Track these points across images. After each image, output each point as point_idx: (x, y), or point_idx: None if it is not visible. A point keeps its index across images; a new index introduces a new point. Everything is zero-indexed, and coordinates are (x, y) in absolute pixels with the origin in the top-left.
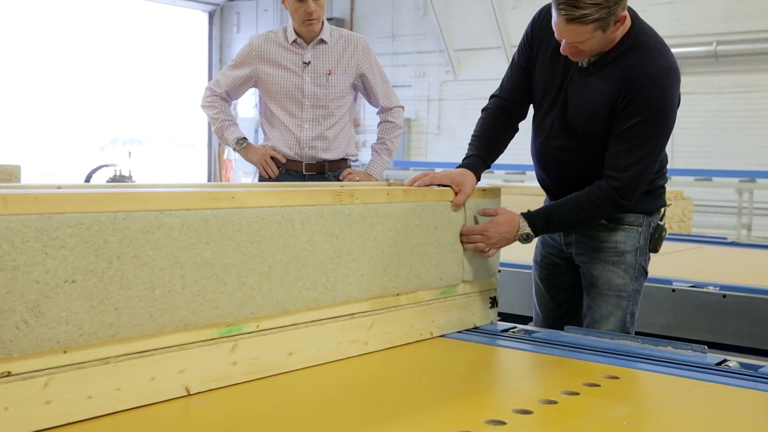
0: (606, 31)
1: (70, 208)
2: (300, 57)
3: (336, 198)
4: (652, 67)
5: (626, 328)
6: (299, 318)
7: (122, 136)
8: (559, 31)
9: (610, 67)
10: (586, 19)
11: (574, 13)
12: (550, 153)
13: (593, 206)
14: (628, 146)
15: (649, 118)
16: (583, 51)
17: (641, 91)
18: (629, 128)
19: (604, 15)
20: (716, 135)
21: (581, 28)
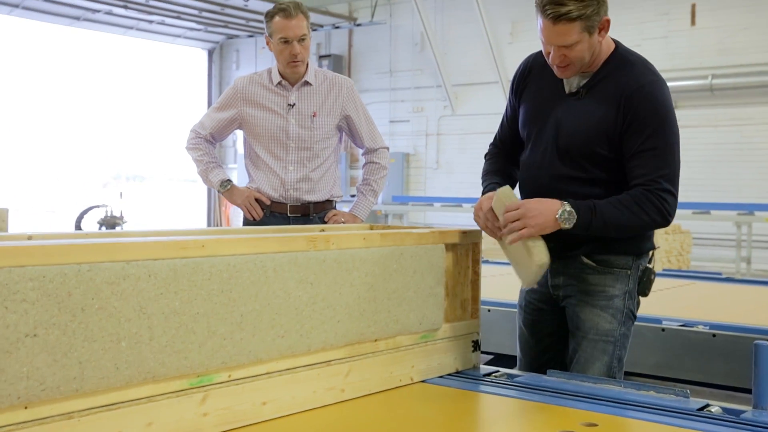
0: (592, 35)
1: (32, 260)
2: (285, 99)
3: (310, 244)
4: (642, 80)
5: (612, 374)
6: (273, 366)
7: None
8: (547, 36)
9: (599, 86)
10: (571, 15)
11: (560, 9)
12: (543, 183)
13: (639, 209)
14: (651, 160)
15: (656, 130)
16: (572, 60)
17: (640, 106)
18: (643, 143)
19: (588, 12)
20: (713, 168)
21: (568, 27)
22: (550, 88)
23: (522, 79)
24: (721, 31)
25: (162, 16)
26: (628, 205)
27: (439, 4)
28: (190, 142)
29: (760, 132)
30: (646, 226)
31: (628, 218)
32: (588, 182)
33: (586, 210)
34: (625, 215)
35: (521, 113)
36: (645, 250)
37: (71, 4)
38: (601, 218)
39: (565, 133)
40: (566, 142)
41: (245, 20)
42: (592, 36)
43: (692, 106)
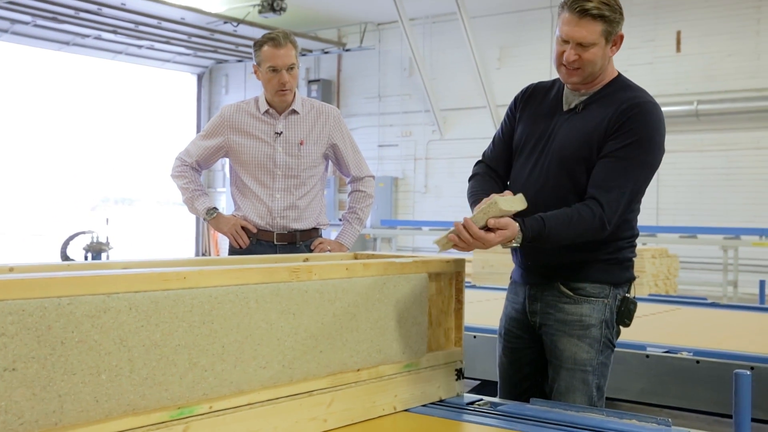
0: (608, 44)
1: (12, 294)
2: (272, 127)
3: (293, 275)
4: (641, 99)
5: (593, 403)
6: (255, 397)
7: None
8: (568, 30)
9: (598, 104)
10: (596, 13)
11: (586, 4)
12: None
13: (582, 220)
14: (615, 168)
15: (638, 142)
16: (584, 62)
17: (632, 118)
18: (618, 150)
19: (612, 17)
20: (700, 192)
21: (591, 25)
22: (548, 107)
23: (524, 98)
24: (707, 58)
25: (151, 41)
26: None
27: (427, 30)
28: (176, 170)
29: (746, 157)
30: (584, 238)
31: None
32: (578, 190)
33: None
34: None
35: (518, 129)
36: (623, 280)
37: (61, 29)
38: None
39: (558, 142)
40: (558, 150)
41: (234, 45)
42: (608, 45)
43: (678, 131)
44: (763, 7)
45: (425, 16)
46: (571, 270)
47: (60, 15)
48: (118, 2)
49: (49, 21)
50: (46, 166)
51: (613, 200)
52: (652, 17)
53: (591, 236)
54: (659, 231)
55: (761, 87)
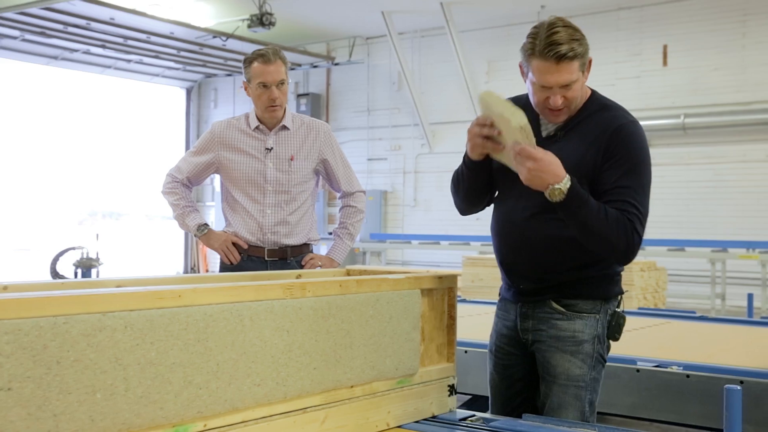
0: (583, 75)
1: (8, 314)
2: (262, 143)
3: (287, 292)
4: (623, 120)
5: (585, 418)
6: (249, 415)
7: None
8: (549, 78)
9: (578, 128)
10: (571, 53)
11: (560, 49)
12: (517, 222)
13: (616, 227)
14: (625, 197)
15: (634, 168)
16: (570, 100)
17: (620, 144)
18: (619, 179)
19: (582, 51)
20: (687, 205)
21: (569, 66)
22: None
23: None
24: (693, 72)
25: (140, 56)
26: (610, 221)
27: (416, 44)
28: (167, 187)
29: (733, 170)
30: (609, 247)
31: (601, 229)
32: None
33: (576, 197)
34: (601, 225)
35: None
36: (613, 295)
37: (49, 44)
38: (579, 211)
39: None
40: None
41: (223, 59)
42: (583, 76)
43: (665, 145)
44: (749, 21)
45: (414, 30)
46: (563, 287)
47: (48, 30)
48: (107, 17)
49: (37, 36)
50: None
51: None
52: (639, 31)
53: (617, 247)
54: (647, 244)
55: (747, 100)
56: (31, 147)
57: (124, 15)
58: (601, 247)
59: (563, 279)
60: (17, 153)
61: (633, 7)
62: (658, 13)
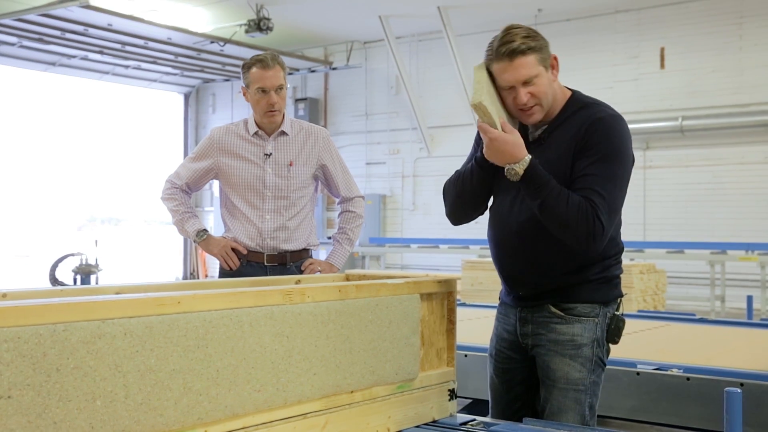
0: (547, 70)
1: (7, 322)
2: (261, 149)
3: (286, 297)
4: (601, 114)
5: (586, 422)
6: (249, 421)
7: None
8: (509, 76)
9: (562, 127)
10: (523, 47)
11: (512, 46)
12: (512, 230)
13: (577, 213)
14: (591, 185)
15: (606, 157)
16: (539, 97)
17: (596, 134)
18: (588, 167)
19: (537, 45)
20: (686, 208)
21: (525, 60)
22: None
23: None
24: (691, 74)
25: (138, 61)
26: (570, 205)
27: (413, 48)
28: (166, 192)
29: (731, 172)
30: (570, 233)
31: (562, 213)
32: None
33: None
34: (561, 209)
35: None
36: (612, 298)
37: (47, 50)
38: (540, 191)
39: None
40: None
41: (221, 64)
42: (548, 71)
43: (663, 147)
44: (746, 24)
45: (411, 34)
46: (562, 292)
47: (46, 36)
48: (105, 23)
49: (35, 42)
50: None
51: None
52: (636, 34)
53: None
54: (646, 246)
55: (745, 102)
56: (29, 153)
57: (122, 21)
58: (561, 231)
59: (561, 283)
60: (16, 159)
61: (630, 10)
62: (656, 16)
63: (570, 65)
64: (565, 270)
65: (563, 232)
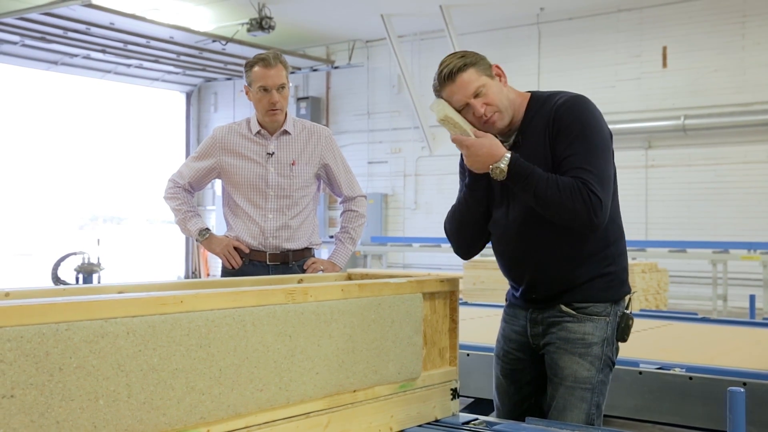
0: (492, 79)
1: (10, 321)
2: (264, 148)
3: (289, 297)
4: (564, 97)
5: (591, 421)
6: (252, 420)
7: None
8: (458, 96)
9: (531, 126)
10: (459, 65)
11: (449, 67)
12: (513, 236)
13: (569, 195)
14: (576, 163)
15: (580, 134)
16: (496, 105)
17: (563, 116)
18: (567, 148)
19: (472, 60)
20: (688, 207)
21: (467, 75)
22: None
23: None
24: (693, 73)
25: (140, 60)
26: (561, 188)
27: (415, 47)
28: (168, 192)
29: (734, 171)
30: (569, 214)
31: (554, 198)
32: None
33: (519, 175)
34: (553, 194)
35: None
36: (621, 295)
37: (49, 48)
38: (528, 185)
39: None
40: None
41: (223, 63)
42: (494, 80)
43: (666, 146)
44: (749, 23)
45: (413, 33)
46: (573, 292)
47: (48, 35)
48: (107, 21)
49: (37, 41)
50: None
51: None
52: (638, 33)
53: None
54: (648, 245)
55: (747, 101)
56: (31, 152)
57: (124, 20)
58: (562, 215)
59: (573, 280)
60: (18, 158)
61: (632, 9)
62: (658, 15)
63: (572, 64)
64: (572, 262)
65: (562, 215)
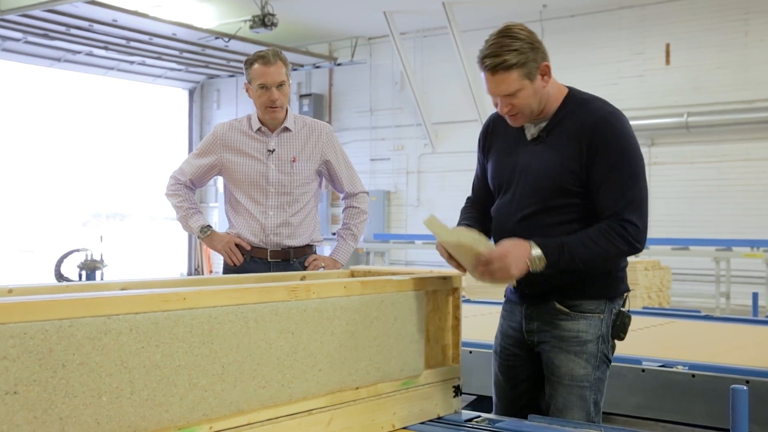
0: (533, 81)
1: (14, 317)
2: (264, 145)
3: (291, 294)
4: (601, 112)
5: (590, 418)
6: (254, 417)
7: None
8: (490, 87)
9: (559, 127)
10: (507, 64)
11: (495, 61)
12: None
13: (604, 240)
14: (616, 188)
15: (620, 158)
16: (519, 108)
17: (602, 136)
18: (608, 173)
19: (523, 60)
20: (691, 204)
21: (506, 76)
22: (512, 139)
23: (486, 137)
24: (696, 70)
25: (142, 57)
26: (596, 240)
27: (418, 44)
28: (170, 189)
29: (736, 169)
30: (615, 256)
31: (596, 252)
32: (556, 217)
33: (554, 251)
34: (593, 250)
35: (489, 168)
36: (618, 294)
37: (52, 45)
38: (570, 255)
39: (532, 175)
40: (534, 183)
41: (226, 60)
42: (534, 82)
43: (668, 144)
44: (751, 20)
45: (416, 30)
46: (567, 288)
47: (51, 31)
48: (110, 18)
49: (40, 37)
50: (37, 181)
51: (632, 214)
52: (641, 30)
53: (619, 253)
54: (651, 243)
55: (750, 99)
56: (34, 149)
57: (127, 17)
58: (610, 260)
59: (565, 279)
60: (21, 155)
61: (635, 6)
62: (660, 12)
63: (574, 61)
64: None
65: (611, 259)
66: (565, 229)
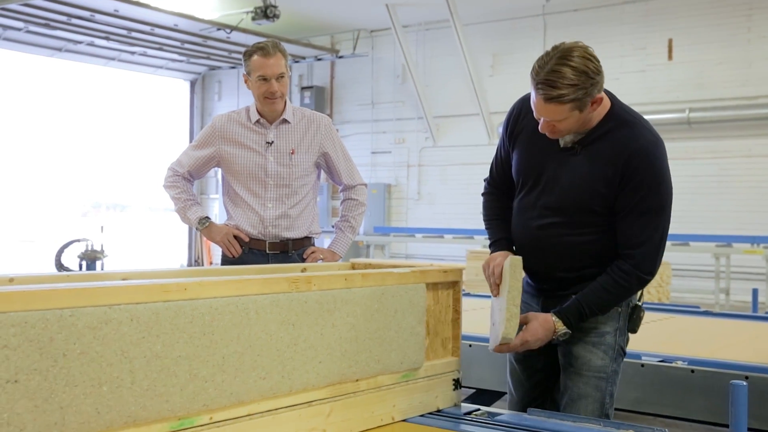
0: (583, 111)
1: (15, 306)
2: (263, 137)
3: (292, 285)
4: (642, 140)
5: (605, 410)
6: (254, 408)
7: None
8: (538, 110)
9: (596, 145)
10: (563, 99)
11: (551, 93)
12: (533, 233)
13: (620, 287)
14: (640, 222)
15: (651, 191)
16: (561, 130)
17: (638, 166)
18: (636, 204)
19: (580, 95)
20: (692, 200)
21: (558, 108)
22: (543, 137)
23: (515, 122)
24: (698, 66)
25: (144, 48)
26: (610, 289)
27: (420, 37)
28: (168, 180)
29: (737, 165)
30: (631, 294)
31: (612, 300)
32: (577, 233)
33: (576, 318)
34: (608, 300)
35: (514, 159)
36: None
37: (53, 35)
38: (589, 311)
39: (560, 189)
40: (560, 196)
41: (227, 52)
42: (583, 112)
43: (670, 139)
44: (754, 16)
45: (418, 23)
46: (587, 282)
47: (52, 21)
48: (111, 8)
49: (41, 27)
50: (37, 171)
51: (647, 253)
52: (644, 25)
53: (634, 292)
54: None
55: (752, 95)
56: (35, 139)
57: (128, 7)
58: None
59: (584, 275)
60: (21, 145)
61: (638, 1)
62: (663, 7)
63: None
64: (591, 258)
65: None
66: (583, 249)
